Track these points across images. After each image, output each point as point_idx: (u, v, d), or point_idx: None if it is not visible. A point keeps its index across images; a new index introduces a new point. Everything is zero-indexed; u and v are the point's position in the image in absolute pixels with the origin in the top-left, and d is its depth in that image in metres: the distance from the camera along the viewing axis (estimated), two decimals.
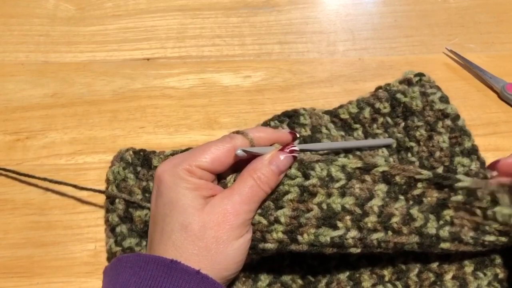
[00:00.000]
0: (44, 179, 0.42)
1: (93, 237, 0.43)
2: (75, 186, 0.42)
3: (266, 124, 0.47)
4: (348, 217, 0.35)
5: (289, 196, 0.35)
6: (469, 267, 0.40)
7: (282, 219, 0.35)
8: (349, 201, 0.36)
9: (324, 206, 0.35)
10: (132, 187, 0.43)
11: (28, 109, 0.50)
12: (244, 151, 0.35)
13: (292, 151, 0.35)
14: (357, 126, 0.47)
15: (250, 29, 0.57)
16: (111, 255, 0.41)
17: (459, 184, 0.37)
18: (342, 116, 0.47)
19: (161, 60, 0.54)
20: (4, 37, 0.55)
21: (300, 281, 0.40)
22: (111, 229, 0.42)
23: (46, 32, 0.56)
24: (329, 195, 0.36)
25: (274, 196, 0.35)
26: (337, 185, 0.36)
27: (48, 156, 0.47)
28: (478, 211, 0.37)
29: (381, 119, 0.47)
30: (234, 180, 0.36)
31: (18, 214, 0.44)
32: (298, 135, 0.41)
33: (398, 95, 0.47)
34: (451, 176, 0.37)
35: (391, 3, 0.60)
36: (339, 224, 0.35)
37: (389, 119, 0.47)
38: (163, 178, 0.34)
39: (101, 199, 0.44)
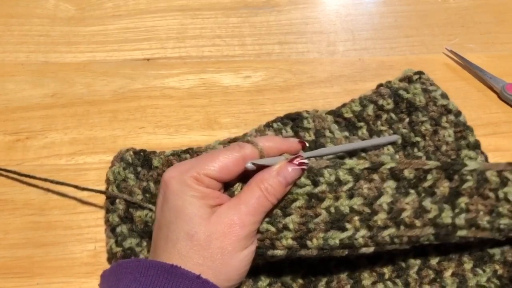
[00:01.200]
0: (45, 180, 0.42)
1: (93, 237, 0.43)
2: (75, 187, 0.42)
3: (268, 125, 0.47)
4: (356, 218, 0.35)
5: (297, 204, 0.35)
6: (468, 264, 0.40)
7: (291, 226, 0.35)
8: (357, 202, 0.35)
9: (332, 209, 0.35)
10: (133, 188, 0.43)
11: (28, 109, 0.50)
12: (253, 164, 0.34)
13: (301, 164, 0.35)
14: (361, 124, 0.47)
15: (250, 29, 0.57)
16: (111, 256, 0.41)
17: (468, 168, 0.37)
18: (346, 115, 0.47)
19: (161, 60, 0.54)
20: (4, 37, 0.55)
21: (300, 280, 0.40)
22: (111, 229, 0.42)
23: (46, 32, 0.56)
24: (336, 198, 0.36)
25: (282, 204, 0.35)
26: (345, 187, 0.36)
27: (48, 156, 0.47)
28: (491, 194, 0.37)
29: (385, 116, 0.47)
30: (241, 189, 0.35)
31: (18, 214, 0.44)
32: (307, 145, 0.40)
33: (401, 92, 0.47)
34: (459, 162, 0.37)
35: (391, 3, 0.60)
36: (348, 226, 0.35)
37: (393, 115, 0.47)
38: (170, 184, 0.34)
39: (101, 199, 0.44)
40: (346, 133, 0.46)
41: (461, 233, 0.37)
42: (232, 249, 0.32)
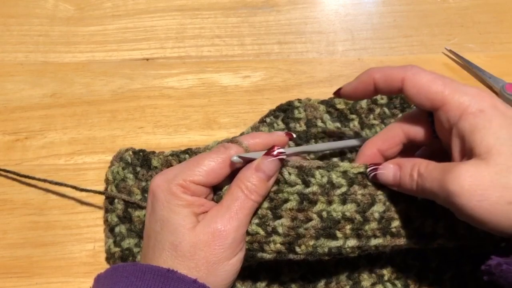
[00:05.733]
0: (44, 181, 0.42)
1: (92, 237, 0.43)
2: (75, 188, 0.42)
3: (262, 121, 0.47)
4: (348, 226, 0.34)
5: (288, 205, 0.34)
6: (467, 266, 0.40)
7: (280, 230, 0.34)
8: (350, 209, 0.34)
9: (325, 214, 0.34)
10: (131, 187, 0.43)
11: (27, 109, 0.50)
12: (240, 157, 0.34)
13: (278, 154, 0.34)
14: (353, 116, 0.47)
15: (249, 29, 0.57)
16: (110, 256, 0.41)
17: None
18: (338, 106, 0.47)
19: (160, 60, 0.54)
20: (3, 37, 0.55)
21: (299, 281, 0.40)
22: (110, 229, 0.42)
23: (45, 32, 0.56)
24: (329, 202, 0.35)
25: (273, 205, 0.34)
26: (338, 192, 0.35)
27: (47, 156, 0.47)
28: None
29: (378, 110, 0.47)
30: None
31: (17, 214, 0.44)
32: (294, 135, 0.39)
33: None
34: None
35: (390, 3, 0.60)
36: (338, 234, 0.34)
37: (386, 110, 0.47)
38: (156, 193, 0.34)
39: (100, 199, 0.44)
40: (338, 124, 0.46)
41: (441, 240, 0.36)
42: (217, 260, 0.32)
